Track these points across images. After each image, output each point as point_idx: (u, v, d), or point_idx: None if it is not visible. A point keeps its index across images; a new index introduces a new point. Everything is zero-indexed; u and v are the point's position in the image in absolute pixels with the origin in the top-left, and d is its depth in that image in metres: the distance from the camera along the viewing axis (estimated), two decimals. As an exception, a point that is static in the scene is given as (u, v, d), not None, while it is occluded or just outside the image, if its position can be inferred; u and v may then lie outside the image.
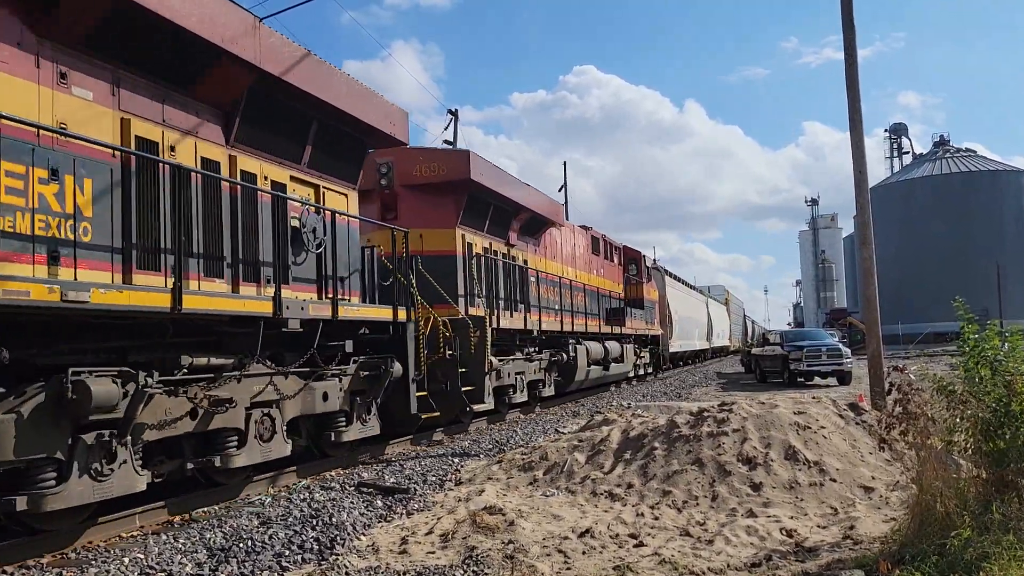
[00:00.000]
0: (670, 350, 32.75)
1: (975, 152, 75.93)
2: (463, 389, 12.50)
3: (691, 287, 46.23)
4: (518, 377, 15.29)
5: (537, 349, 16.70)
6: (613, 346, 21.95)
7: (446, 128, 24.74)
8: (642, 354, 27.16)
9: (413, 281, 11.16)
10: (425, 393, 11.20)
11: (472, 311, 13.54)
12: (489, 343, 13.05)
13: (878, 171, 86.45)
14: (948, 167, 72.18)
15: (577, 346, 18.61)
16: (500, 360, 14.20)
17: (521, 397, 15.59)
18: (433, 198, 13.40)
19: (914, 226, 68.31)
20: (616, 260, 25.64)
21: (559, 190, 40.18)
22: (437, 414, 11.52)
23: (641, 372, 27.43)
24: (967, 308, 5.85)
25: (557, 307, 18.23)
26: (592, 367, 19.85)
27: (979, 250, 63.91)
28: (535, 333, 16.37)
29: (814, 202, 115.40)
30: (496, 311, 14.37)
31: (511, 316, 15.34)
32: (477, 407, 13.09)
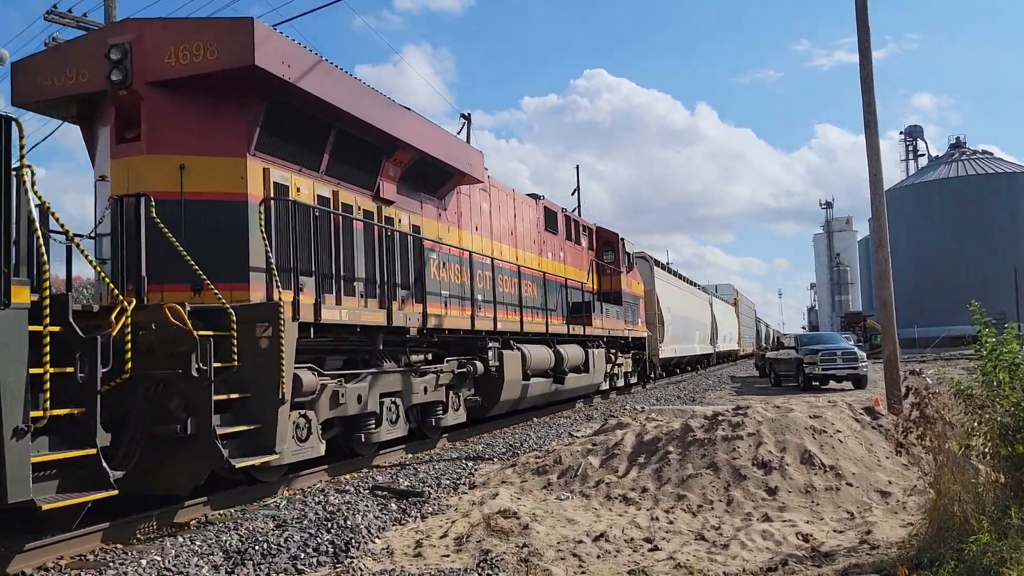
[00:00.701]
0: (661, 355, 27.73)
1: (991, 154, 75.35)
2: (237, 430, 7.24)
3: (691, 283, 41.33)
4: (387, 402, 10.12)
5: (428, 357, 11.54)
6: (572, 351, 16.87)
7: (459, 132, 24.79)
8: (621, 360, 22.22)
9: (26, 222, 5.73)
10: (92, 452, 5.84)
11: (282, 295, 7.82)
12: (287, 349, 7.53)
13: (893, 173, 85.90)
14: (964, 169, 71.62)
15: (504, 351, 13.44)
16: (337, 377, 9.12)
17: (394, 431, 10.30)
18: (204, 105, 8.17)
19: (930, 228, 67.81)
20: (585, 243, 20.61)
21: (572, 193, 40.11)
22: (111, 494, 5.93)
23: (620, 383, 22.56)
24: (983, 312, 5.82)
25: (475, 297, 13.06)
26: (533, 380, 14.67)
27: (996, 253, 63.38)
28: (414, 332, 10.84)
29: (828, 205, 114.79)
30: (321, 295, 8.78)
31: (364, 304, 9.98)
32: (257, 460, 7.35)
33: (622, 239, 22.65)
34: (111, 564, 5.70)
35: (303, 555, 5.91)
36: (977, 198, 67.59)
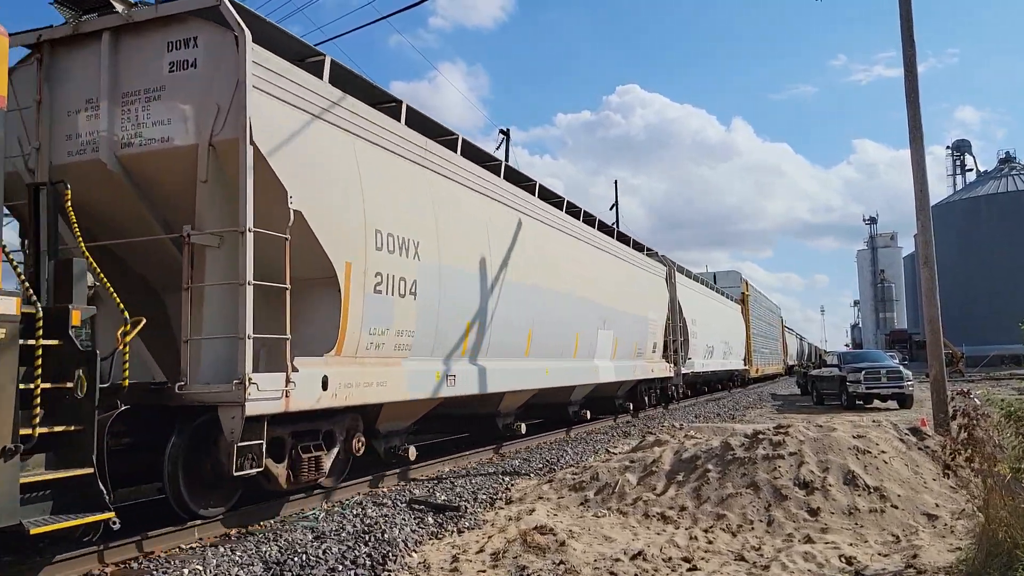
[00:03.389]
0: (282, 408, 6.97)
1: (1043, 169, 73.56)
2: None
3: (596, 224, 16.93)
4: None
5: None
6: None
7: (498, 148, 24.90)
8: None
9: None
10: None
11: None
12: None
13: (937, 188, 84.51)
14: (1015, 184, 70.00)
15: None
16: None
17: None
18: None
19: (978, 245, 66.33)
20: None
21: (610, 208, 39.89)
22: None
23: None
24: (1035, 331, 5.67)
25: None
26: None
27: (1048, 270, 61.68)
28: None
29: (872, 220, 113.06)
30: None
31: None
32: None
33: None
34: (154, 573, 5.80)
35: (341, 567, 5.95)
36: (1028, 213, 65.96)
